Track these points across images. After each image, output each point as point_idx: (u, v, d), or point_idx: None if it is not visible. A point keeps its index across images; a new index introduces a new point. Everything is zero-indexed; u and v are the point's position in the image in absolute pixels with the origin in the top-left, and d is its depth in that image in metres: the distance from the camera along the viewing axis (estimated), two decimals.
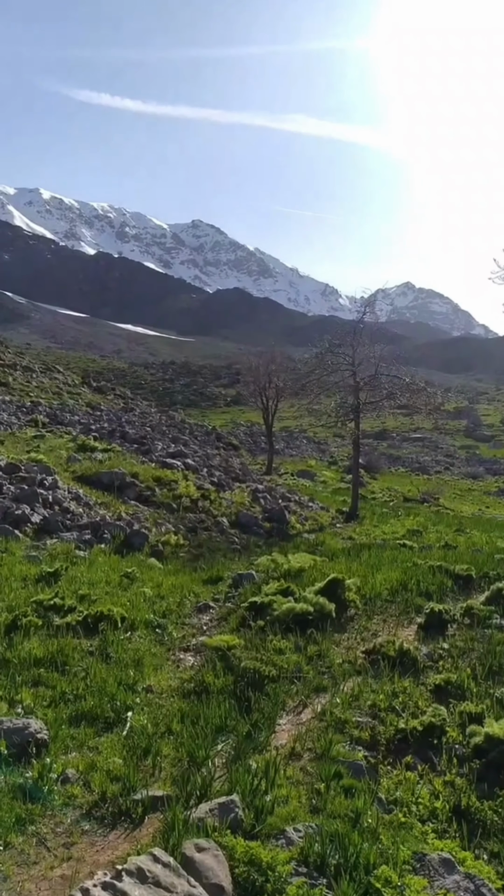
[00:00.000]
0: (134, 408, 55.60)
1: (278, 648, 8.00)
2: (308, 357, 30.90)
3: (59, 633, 8.01)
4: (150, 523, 16.32)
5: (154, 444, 29.09)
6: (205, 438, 44.45)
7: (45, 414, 33.41)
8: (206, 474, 24.71)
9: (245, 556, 15.30)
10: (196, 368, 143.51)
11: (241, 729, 6.20)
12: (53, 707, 6.36)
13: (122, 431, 30.92)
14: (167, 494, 19.38)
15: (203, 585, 11.80)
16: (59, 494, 15.88)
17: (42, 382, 53.55)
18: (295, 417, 71.28)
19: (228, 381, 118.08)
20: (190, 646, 8.64)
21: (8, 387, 44.88)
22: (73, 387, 59.45)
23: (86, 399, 52.07)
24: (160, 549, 14.32)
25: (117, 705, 6.51)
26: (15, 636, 7.67)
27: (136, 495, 18.83)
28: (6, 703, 6.24)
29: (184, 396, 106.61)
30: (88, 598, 9.42)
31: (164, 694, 7.08)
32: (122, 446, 26.26)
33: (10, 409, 32.77)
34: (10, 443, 21.40)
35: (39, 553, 11.99)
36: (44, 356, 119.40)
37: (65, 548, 12.57)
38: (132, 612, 9.13)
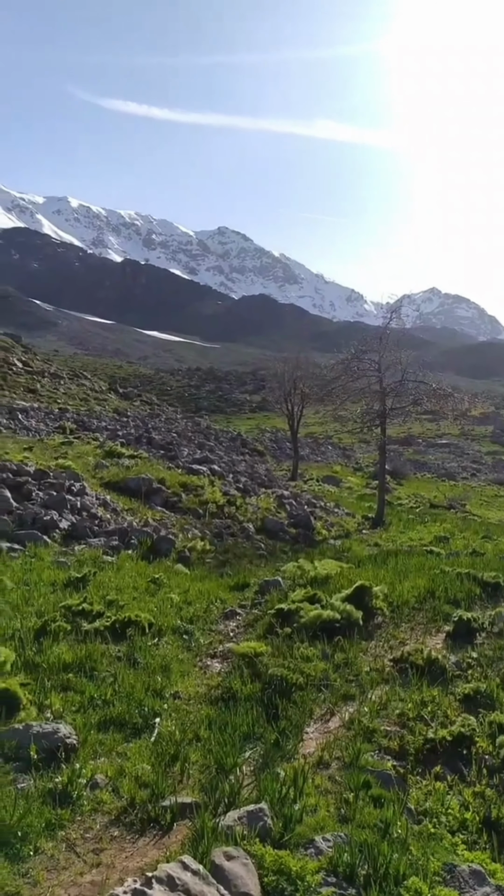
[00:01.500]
0: (160, 414, 55.90)
1: (305, 656, 7.97)
2: (334, 363, 30.85)
3: (87, 638, 8.05)
4: (177, 529, 16.37)
5: (180, 449, 29.20)
6: (230, 444, 44.52)
7: (73, 420, 33.70)
8: (232, 480, 24.74)
9: (271, 562, 15.28)
10: (221, 374, 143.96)
11: (268, 736, 6.18)
12: (82, 712, 6.39)
13: (148, 437, 31.07)
14: (193, 500, 19.44)
15: (229, 591, 11.80)
16: (87, 500, 15.98)
17: (69, 389, 54.06)
18: (320, 423, 71.19)
19: (254, 387, 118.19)
20: (217, 652, 8.64)
21: (36, 393, 45.36)
22: (99, 393, 59.95)
23: (112, 405, 52.47)
24: (187, 554, 14.36)
25: (145, 711, 6.52)
26: (44, 641, 7.72)
27: (162, 501, 18.90)
28: (36, 707, 6.28)
29: (209, 402, 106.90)
30: (116, 603, 9.46)
31: (192, 700, 7.08)
32: (148, 452, 26.40)
33: (39, 415, 33.10)
34: (38, 449, 21.59)
35: (68, 558, 12.07)
36: (71, 363, 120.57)
37: (92, 553, 12.65)
38: (159, 617, 9.15)
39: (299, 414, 42.72)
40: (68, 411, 38.62)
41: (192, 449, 31.53)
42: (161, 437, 32.19)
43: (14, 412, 31.05)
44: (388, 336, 27.82)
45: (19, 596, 9.20)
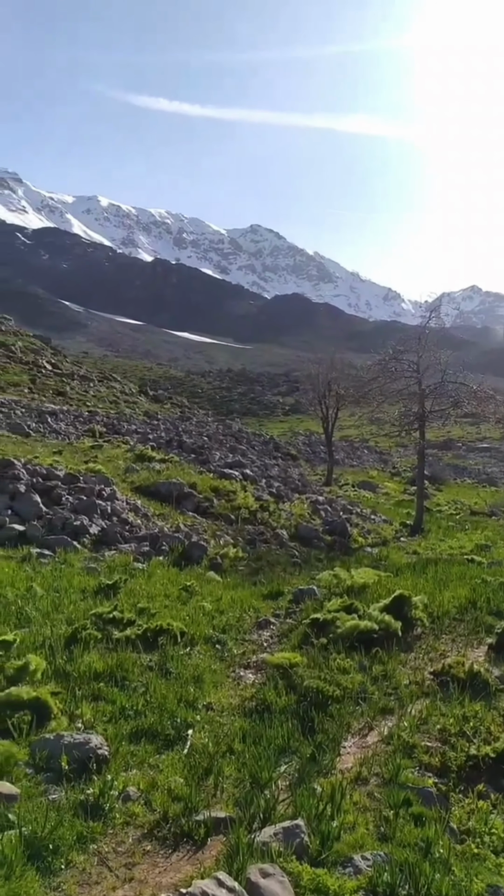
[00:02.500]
0: (191, 417, 56.15)
1: (342, 667, 7.93)
2: (370, 364, 30.70)
3: (118, 646, 8.11)
4: (209, 535, 16.42)
5: (212, 453, 29.29)
6: (263, 448, 44.55)
7: (103, 423, 34.02)
8: (265, 485, 24.74)
9: (305, 570, 15.24)
10: (254, 376, 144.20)
11: (304, 750, 6.17)
12: (113, 722, 6.44)
13: (179, 441, 31.23)
14: (225, 505, 19.47)
15: (263, 600, 11.80)
16: (118, 505, 16.11)
17: (99, 391, 54.57)
18: (356, 426, 70.82)
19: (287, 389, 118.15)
20: (250, 663, 8.65)
21: (66, 396, 45.88)
22: (129, 396, 60.42)
23: (143, 408, 52.84)
24: (219, 561, 14.39)
25: (177, 722, 6.55)
26: (75, 649, 7.80)
27: (193, 506, 18.97)
28: (67, 717, 6.34)
29: (241, 405, 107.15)
30: (147, 611, 9.52)
31: (225, 712, 7.09)
32: (179, 456, 26.53)
33: (68, 418, 33.45)
34: (68, 453, 21.83)
35: (98, 565, 12.18)
36: (101, 365, 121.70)
37: (123, 560, 12.74)
38: (191, 626, 9.18)
39: (334, 417, 42.59)
40: (98, 414, 38.98)
41: (223, 453, 31.62)
42: (192, 441, 32.34)
43: (43, 415, 31.42)
44: (426, 336, 27.61)
45: (49, 603, 9.30)
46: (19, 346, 58.24)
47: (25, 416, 30.37)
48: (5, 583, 9.88)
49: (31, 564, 11.44)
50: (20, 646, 7.57)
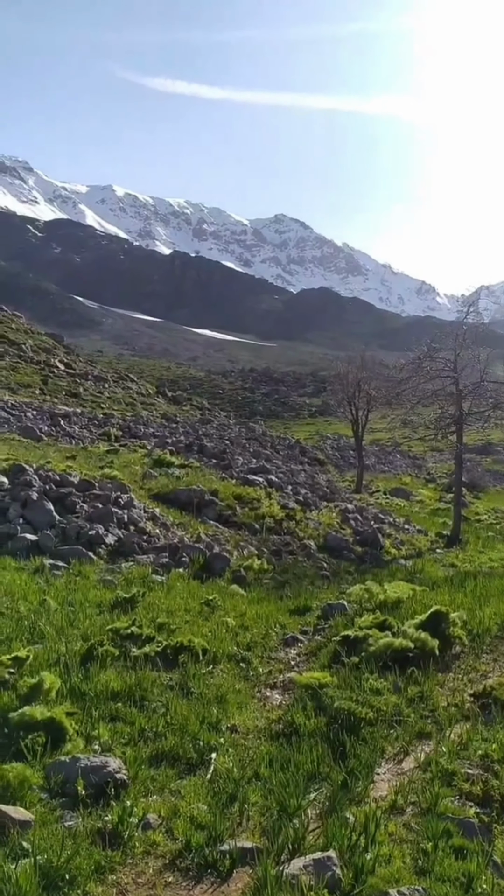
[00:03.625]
0: (212, 419, 56.29)
1: (375, 688, 7.91)
2: (403, 362, 30.59)
3: (136, 664, 8.15)
4: (232, 546, 16.44)
5: (234, 458, 29.34)
6: (288, 453, 44.53)
7: (118, 427, 34.24)
8: (291, 492, 24.73)
9: (335, 583, 15.22)
10: (278, 376, 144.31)
11: (335, 777, 6.15)
12: (132, 745, 6.47)
13: (199, 445, 31.30)
14: (249, 514, 19.50)
15: (290, 616, 11.80)
16: (135, 514, 16.20)
17: (115, 393, 54.93)
18: (388, 429, 70.52)
19: (314, 389, 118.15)
20: (277, 682, 8.65)
21: (79, 398, 46.23)
22: (147, 397, 60.74)
23: (161, 410, 53.09)
24: (242, 574, 14.40)
25: (200, 745, 6.56)
26: (91, 667, 7.85)
27: (215, 515, 19.01)
28: (83, 739, 6.38)
29: (265, 406, 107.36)
30: (167, 627, 9.55)
31: (250, 735, 7.10)
32: (199, 461, 26.61)
33: (82, 421, 33.70)
34: (82, 458, 21.98)
35: (114, 577, 12.25)
36: (116, 364, 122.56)
37: (141, 571, 12.80)
38: (214, 643, 9.21)
39: (364, 419, 42.49)
40: (113, 417, 39.24)
41: (246, 458, 31.64)
42: (213, 445, 32.41)
43: (56, 418, 31.68)
44: (464, 332, 27.45)
45: (64, 617, 9.37)
46: (30, 344, 58.79)
47: (37, 418, 30.64)
48: (17, 596, 9.97)
49: (44, 576, 11.53)
50: (33, 663, 7.62)
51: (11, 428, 25.88)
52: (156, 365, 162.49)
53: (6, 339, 56.78)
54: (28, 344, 58.57)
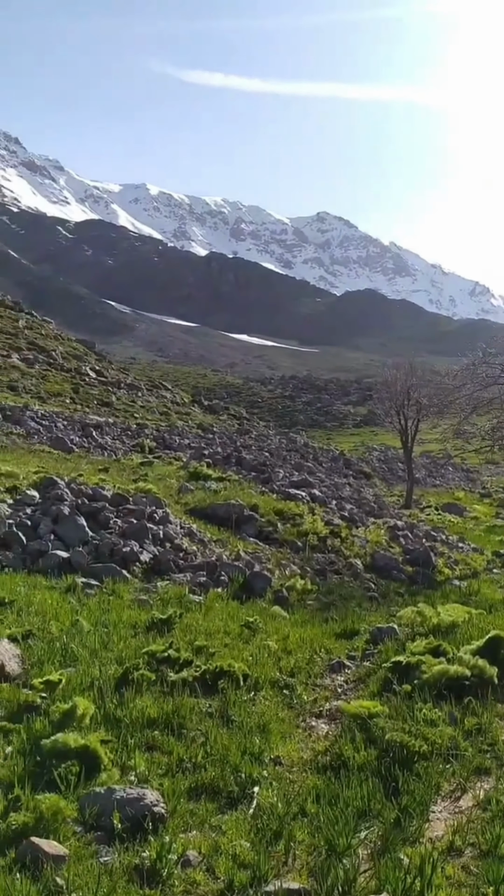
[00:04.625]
0: (250, 429, 56.46)
1: (429, 719, 7.81)
2: (457, 368, 30.36)
3: (174, 690, 8.16)
4: (273, 564, 16.42)
5: (274, 471, 29.33)
6: (332, 465, 44.45)
7: (152, 437, 34.53)
8: (336, 507, 24.63)
9: (384, 605, 15.13)
10: (321, 383, 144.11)
11: (387, 814, 6.09)
12: (170, 776, 6.47)
13: (237, 457, 31.37)
14: (291, 531, 19.45)
15: (336, 640, 11.75)
16: (171, 530, 16.26)
17: (148, 402, 55.39)
18: (439, 441, 69.94)
19: (359, 397, 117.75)
20: (323, 711, 8.61)
21: (111, 407, 46.68)
22: (182, 406, 61.15)
23: (196, 420, 53.41)
24: (285, 594, 14.37)
25: (241, 778, 6.55)
26: (126, 692, 7.88)
27: (255, 531, 19.00)
28: (118, 769, 6.41)
29: (306, 416, 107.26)
30: (205, 650, 9.56)
31: (295, 767, 7.07)
32: (238, 474, 26.65)
33: (115, 432, 34.03)
34: (115, 470, 22.17)
35: (150, 597, 12.30)
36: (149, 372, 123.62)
37: (177, 591, 12.83)
38: (255, 668, 9.19)
39: (414, 429, 42.25)
40: (147, 427, 39.57)
41: (287, 470, 31.62)
42: (252, 457, 32.45)
43: (87, 428, 32.05)
44: None
45: (97, 639, 9.43)
46: (61, 351, 59.57)
47: (68, 429, 31.02)
48: (49, 616, 10.06)
49: (77, 596, 11.62)
50: (66, 687, 7.68)
51: (42, 439, 26.24)
52: (191, 372, 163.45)
53: (36, 346, 57.60)
54: (58, 351, 59.35)
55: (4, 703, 7.38)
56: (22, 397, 39.84)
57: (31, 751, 6.40)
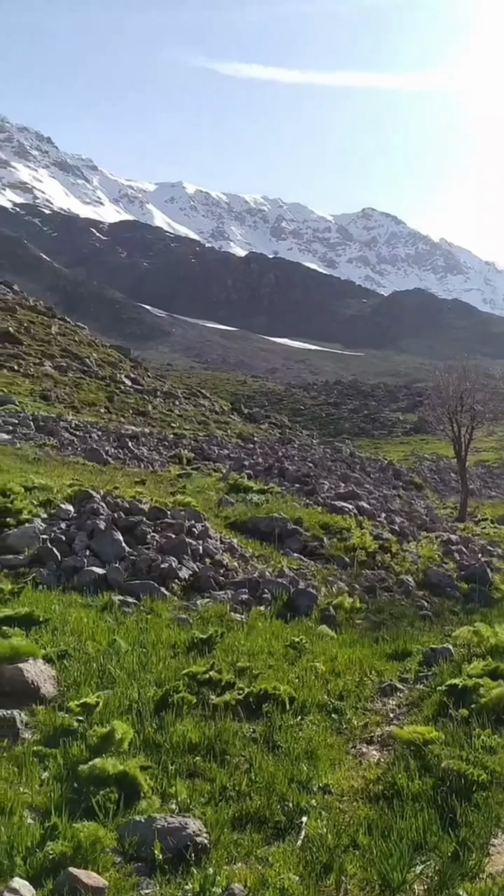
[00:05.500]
0: (293, 439, 56.51)
1: (488, 746, 7.73)
2: None
3: (216, 713, 8.18)
4: (319, 581, 16.39)
5: (319, 483, 29.31)
6: (380, 476, 44.26)
7: (190, 448, 34.69)
8: (385, 521, 24.53)
9: (437, 624, 15.01)
10: (367, 389, 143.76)
11: (444, 848, 6.03)
12: (213, 805, 6.48)
13: (280, 468, 31.41)
14: (338, 546, 19.41)
15: (387, 661, 11.68)
16: (211, 545, 16.31)
17: (186, 410, 55.75)
18: (495, 449, 69.35)
19: (408, 403, 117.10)
20: (374, 737, 8.56)
21: (147, 416, 47.05)
22: (220, 414, 61.43)
23: (236, 429, 53.59)
24: (332, 613, 14.33)
25: (288, 807, 6.54)
26: (166, 715, 7.91)
27: (299, 546, 18.99)
28: (158, 796, 6.43)
29: (352, 424, 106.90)
30: (249, 672, 9.57)
31: (346, 796, 7.03)
32: (280, 486, 26.69)
33: (151, 442, 34.27)
34: (152, 483, 22.31)
35: (189, 615, 12.34)
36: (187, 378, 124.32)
37: (218, 609, 12.86)
38: (302, 691, 9.18)
39: (468, 437, 41.87)
40: (185, 437, 39.80)
41: (333, 482, 31.58)
42: (295, 468, 32.46)
43: (123, 439, 32.31)
44: None
45: (135, 660, 9.48)
46: (95, 358, 60.22)
47: (103, 440, 31.31)
48: (85, 636, 10.13)
49: (114, 614, 11.69)
50: (103, 710, 7.73)
51: (76, 450, 26.50)
52: (230, 379, 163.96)
53: (69, 353, 58.34)
54: (92, 358, 60.04)
55: (40, 726, 7.46)
56: (55, 407, 40.34)
57: (68, 777, 6.45)
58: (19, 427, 28.47)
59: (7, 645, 8.36)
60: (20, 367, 48.48)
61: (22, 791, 6.20)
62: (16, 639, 8.64)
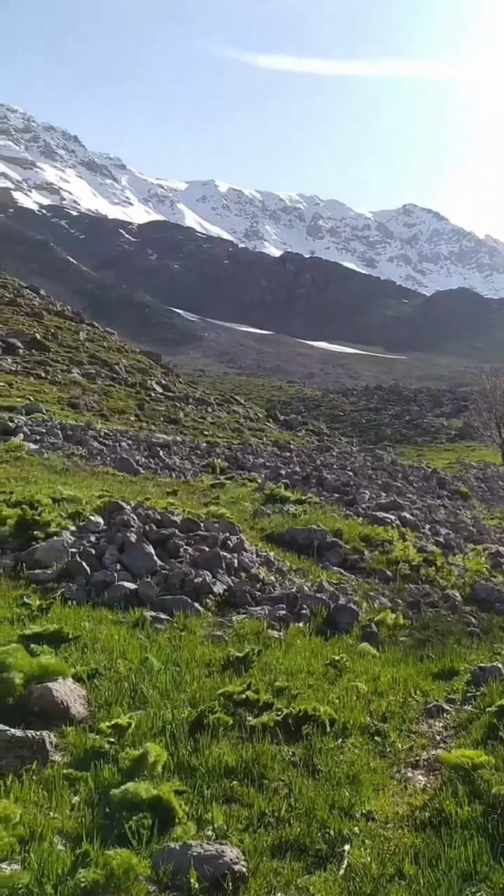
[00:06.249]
0: (331, 446, 56.43)
1: None
2: None
3: (253, 735, 8.16)
4: (360, 596, 16.31)
5: (359, 492, 29.20)
6: (424, 485, 43.97)
7: (224, 457, 34.73)
8: (429, 532, 24.38)
9: (486, 642, 14.84)
10: (410, 394, 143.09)
11: (496, 879, 5.96)
12: (251, 831, 6.47)
13: (318, 477, 31.36)
14: (379, 559, 19.32)
15: (432, 680, 11.57)
16: (246, 558, 16.31)
17: (219, 417, 55.91)
18: None
19: (453, 408, 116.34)
20: (420, 761, 8.48)
21: (179, 424, 47.25)
22: (255, 422, 61.52)
23: (272, 437, 53.62)
24: (373, 630, 14.24)
25: (330, 834, 6.51)
26: (201, 737, 7.91)
27: (339, 559, 18.93)
28: (194, 822, 6.43)
29: (394, 430, 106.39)
30: (287, 692, 9.55)
31: (390, 823, 6.98)
32: (319, 496, 26.62)
33: (183, 451, 34.39)
34: (184, 493, 22.37)
35: (224, 632, 12.34)
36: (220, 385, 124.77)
37: (255, 626, 12.85)
38: (343, 712, 9.13)
39: None
40: (218, 445, 39.88)
41: (374, 491, 31.44)
42: (334, 477, 32.38)
43: (154, 448, 32.44)
44: None
45: (168, 679, 9.50)
46: (124, 364, 60.64)
47: (133, 449, 31.46)
48: (116, 654, 10.17)
49: (145, 631, 11.72)
50: (136, 731, 7.75)
51: (105, 460, 26.64)
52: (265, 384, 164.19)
53: (97, 360, 58.79)
54: (122, 364, 60.44)
55: (70, 748, 7.49)
56: (84, 415, 40.63)
57: (100, 801, 6.47)
58: (47, 436, 28.69)
59: (36, 664, 8.43)
60: (47, 373, 48.95)
61: (52, 816, 6.23)
62: (45, 657, 8.71)
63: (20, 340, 53.91)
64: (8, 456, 22.80)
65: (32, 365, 49.89)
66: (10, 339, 53.12)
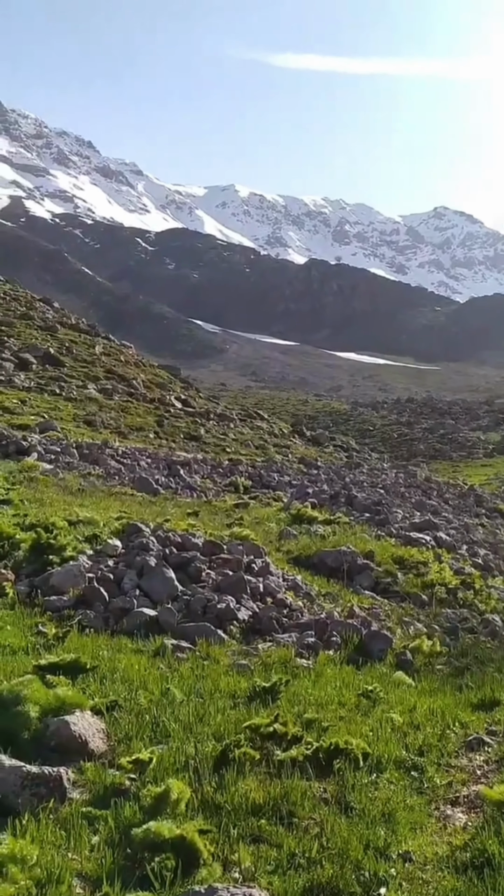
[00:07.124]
0: (361, 463, 56.30)
1: None
2: None
3: (281, 771, 8.11)
4: (394, 622, 16.23)
5: (391, 512, 29.13)
6: (460, 503, 43.77)
7: (247, 475, 34.73)
8: (466, 553, 24.29)
9: None
10: (444, 406, 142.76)
11: None
12: (280, 874, 6.41)
13: (347, 495, 31.29)
14: (414, 582, 19.23)
15: (472, 711, 11.46)
16: (272, 582, 16.27)
17: (241, 434, 55.99)
18: None
19: (490, 421, 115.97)
20: (460, 797, 8.40)
21: (200, 441, 47.37)
22: (280, 438, 61.55)
23: (298, 453, 53.60)
24: (408, 657, 14.15)
25: (365, 877, 6.44)
26: (226, 773, 7.86)
27: (371, 583, 18.86)
28: (219, 863, 6.38)
29: (427, 445, 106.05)
30: (317, 724, 9.49)
31: (429, 865, 6.90)
32: (348, 515, 26.56)
33: (204, 469, 34.44)
34: (206, 514, 22.39)
35: (250, 661, 12.29)
36: (242, 399, 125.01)
37: (282, 654, 12.79)
38: (377, 746, 9.05)
39: None
40: (241, 463, 39.90)
41: (407, 510, 31.35)
42: (365, 496, 32.30)
43: (174, 466, 32.52)
44: None
45: (191, 711, 9.47)
46: (142, 379, 60.92)
47: (152, 467, 31.55)
48: (136, 685, 10.16)
49: (166, 660, 11.71)
50: (157, 767, 7.72)
51: (123, 480, 26.72)
52: (290, 398, 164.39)
53: (114, 374, 59.07)
54: (139, 379, 60.71)
55: (89, 785, 7.47)
56: (100, 433, 40.81)
57: (121, 841, 6.44)
58: (62, 455, 28.84)
59: (52, 695, 8.43)
60: (62, 390, 49.23)
61: (70, 857, 6.21)
62: (61, 688, 8.72)
63: (33, 355, 54.29)
64: (22, 476, 22.92)
65: (46, 381, 50.22)
66: (23, 353, 53.51)
